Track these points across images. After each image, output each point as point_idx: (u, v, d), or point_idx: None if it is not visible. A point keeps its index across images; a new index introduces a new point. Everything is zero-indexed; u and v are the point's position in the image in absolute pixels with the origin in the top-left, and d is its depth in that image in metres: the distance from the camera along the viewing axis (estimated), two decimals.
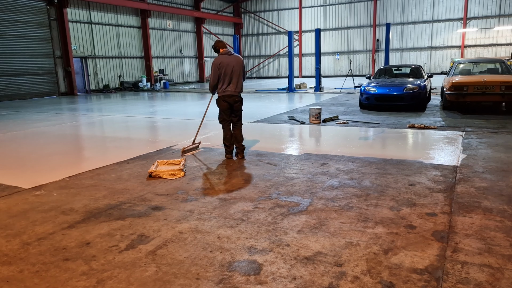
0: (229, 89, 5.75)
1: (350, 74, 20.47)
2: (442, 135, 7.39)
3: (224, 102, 5.84)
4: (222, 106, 5.88)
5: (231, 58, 5.77)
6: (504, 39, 28.07)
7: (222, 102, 5.85)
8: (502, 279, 2.55)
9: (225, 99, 5.82)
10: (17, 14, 18.92)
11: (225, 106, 5.86)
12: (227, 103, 5.84)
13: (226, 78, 5.72)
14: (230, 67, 5.71)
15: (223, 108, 5.89)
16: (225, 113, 5.92)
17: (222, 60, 5.70)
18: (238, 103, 5.92)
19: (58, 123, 10.65)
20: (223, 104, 5.86)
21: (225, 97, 5.80)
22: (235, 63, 5.76)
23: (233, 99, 5.83)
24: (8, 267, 2.88)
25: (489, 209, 3.72)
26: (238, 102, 5.92)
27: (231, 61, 5.74)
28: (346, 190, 4.40)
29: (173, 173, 5.09)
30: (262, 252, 3.00)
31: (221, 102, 5.87)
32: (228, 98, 5.81)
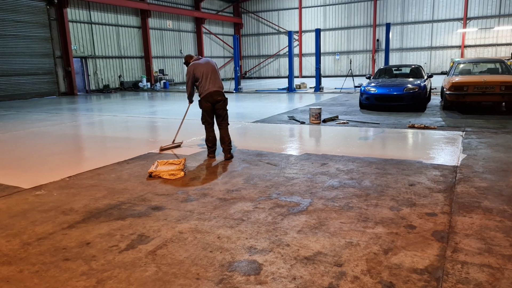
0: (209, 87, 5.78)
1: (350, 74, 20.47)
2: (442, 135, 7.39)
3: (207, 103, 5.85)
4: (204, 107, 5.89)
5: (202, 61, 5.91)
6: (504, 39, 28.07)
7: (204, 103, 5.86)
8: (502, 279, 2.55)
9: (207, 99, 5.82)
10: (17, 14, 18.92)
11: (207, 107, 5.87)
12: (209, 103, 5.84)
13: (203, 79, 5.80)
14: (204, 68, 5.82)
15: (205, 109, 5.90)
16: (207, 114, 5.92)
17: (194, 66, 5.85)
18: (221, 102, 5.91)
19: (58, 123, 10.65)
20: (205, 105, 5.87)
21: (207, 96, 5.81)
22: (208, 64, 5.89)
23: (215, 98, 5.82)
24: (8, 267, 2.88)
25: (489, 209, 3.72)
26: (221, 102, 5.90)
27: (203, 63, 5.88)
28: (346, 190, 4.40)
29: (173, 173, 5.09)
30: (262, 252, 3.00)
31: (203, 103, 5.88)
32: (210, 97, 5.80)
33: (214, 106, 5.89)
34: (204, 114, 5.95)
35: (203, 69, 5.83)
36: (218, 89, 5.88)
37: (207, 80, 5.81)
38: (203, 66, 5.86)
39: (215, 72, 5.94)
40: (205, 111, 5.92)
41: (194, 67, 5.85)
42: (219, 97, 5.87)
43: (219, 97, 5.88)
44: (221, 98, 5.91)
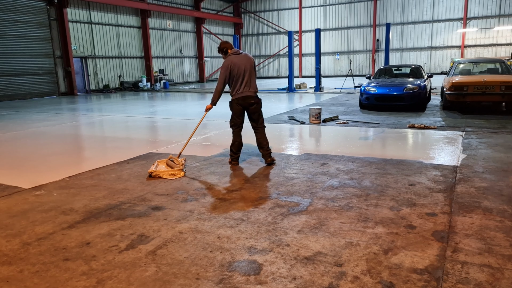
0: (244, 91, 5.32)
1: (350, 74, 20.47)
2: (442, 135, 7.39)
3: (238, 106, 5.40)
4: (235, 109, 5.45)
5: (241, 57, 5.33)
6: (504, 39, 28.08)
7: (235, 105, 5.41)
8: (502, 279, 2.55)
9: (238, 102, 5.37)
10: (17, 14, 18.92)
11: (238, 110, 5.44)
12: (241, 106, 5.41)
13: (238, 79, 5.30)
14: (242, 67, 5.28)
15: (236, 112, 5.46)
16: (237, 117, 5.48)
17: (232, 61, 5.27)
18: (255, 105, 5.44)
19: (58, 123, 10.65)
20: (237, 108, 5.43)
21: (239, 99, 5.36)
22: (246, 62, 5.33)
23: (248, 101, 5.37)
24: (8, 267, 2.88)
25: (489, 209, 3.72)
26: (255, 105, 5.44)
27: (242, 60, 5.31)
28: (346, 190, 4.40)
29: (173, 173, 5.09)
30: (262, 252, 3.00)
31: (234, 106, 5.43)
32: (242, 100, 5.36)
33: (246, 109, 5.47)
34: (234, 117, 5.50)
35: (240, 66, 5.27)
36: (253, 94, 5.40)
37: (243, 82, 5.30)
38: (242, 63, 5.29)
39: (253, 73, 5.43)
40: (235, 114, 5.47)
41: (232, 62, 5.26)
42: (252, 100, 5.41)
43: (252, 100, 5.41)
44: (254, 101, 5.43)
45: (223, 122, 9.88)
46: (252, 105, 5.44)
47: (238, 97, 5.35)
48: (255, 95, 5.47)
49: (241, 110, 5.45)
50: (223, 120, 10.14)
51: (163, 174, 5.06)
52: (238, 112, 5.46)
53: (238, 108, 5.43)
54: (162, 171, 5.12)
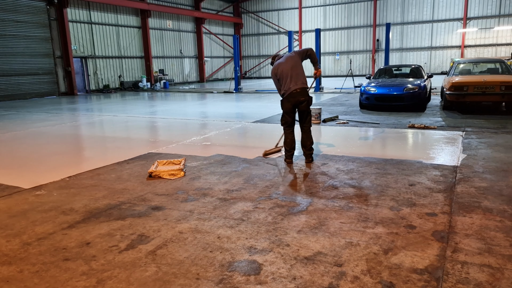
0: (291, 86, 5.38)
1: (350, 74, 20.47)
2: (442, 135, 7.39)
3: (288, 103, 5.47)
4: (285, 107, 5.55)
5: (282, 59, 5.57)
6: (504, 39, 28.07)
7: (285, 103, 5.52)
8: (502, 279, 2.55)
9: (288, 99, 5.44)
10: (17, 14, 18.92)
11: (288, 108, 5.51)
12: (291, 104, 5.46)
13: (284, 78, 5.45)
14: (284, 66, 5.45)
15: (286, 110, 5.55)
16: (288, 115, 5.56)
17: (275, 67, 5.54)
18: (305, 103, 5.44)
19: (58, 123, 10.65)
20: (286, 106, 5.51)
21: (288, 97, 5.42)
22: (287, 61, 5.48)
23: (298, 98, 5.39)
24: (8, 267, 2.88)
25: (489, 209, 3.72)
26: (305, 102, 5.44)
27: (283, 61, 5.52)
28: (346, 190, 4.40)
29: (173, 173, 5.09)
30: (262, 252, 3.00)
31: (284, 103, 5.54)
32: (292, 98, 5.40)
33: (296, 107, 5.50)
34: (285, 115, 5.60)
35: (283, 67, 5.45)
36: (301, 86, 5.40)
37: (287, 79, 5.41)
38: (283, 64, 5.48)
39: (296, 67, 5.44)
40: (286, 112, 5.56)
41: (275, 69, 5.54)
42: (301, 97, 5.41)
43: (301, 98, 5.41)
44: (304, 98, 5.43)
45: (223, 122, 9.88)
46: (302, 103, 5.45)
47: (288, 94, 5.41)
48: (305, 88, 5.44)
49: (291, 108, 5.50)
50: (223, 120, 10.14)
51: (163, 174, 5.06)
52: (288, 110, 5.53)
53: (288, 106, 5.49)
54: (162, 171, 5.12)
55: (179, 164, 5.47)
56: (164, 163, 5.53)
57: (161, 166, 5.42)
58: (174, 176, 5.03)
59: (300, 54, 5.55)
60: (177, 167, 5.28)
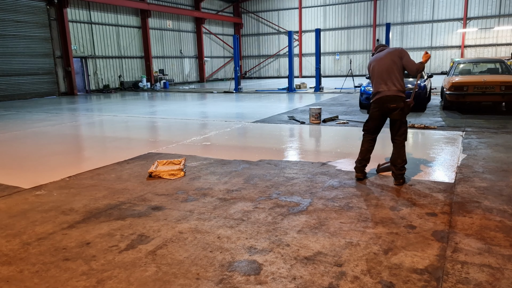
0: (381, 90, 4.51)
1: (350, 74, 20.47)
2: (442, 135, 7.39)
3: (375, 110, 4.60)
4: (372, 114, 4.67)
5: (381, 54, 4.63)
6: (504, 39, 28.07)
7: (372, 108, 4.66)
8: (502, 279, 2.55)
9: (377, 104, 4.56)
10: (17, 14, 18.92)
11: (375, 115, 4.62)
12: (379, 111, 4.57)
13: (375, 78, 4.60)
14: (379, 63, 4.56)
15: (371, 116, 4.68)
16: (372, 121, 4.67)
17: (371, 61, 4.72)
18: (397, 111, 4.46)
19: (58, 123, 10.65)
20: (373, 112, 4.64)
21: (378, 101, 4.54)
22: (385, 58, 4.54)
23: (387, 105, 4.46)
24: (8, 267, 2.88)
25: (489, 209, 3.72)
26: (397, 110, 4.45)
27: (381, 57, 4.59)
28: (346, 190, 4.40)
29: (173, 173, 5.09)
30: (262, 252, 3.00)
31: (371, 108, 4.69)
32: (381, 103, 4.51)
33: (385, 115, 4.59)
34: (369, 121, 4.71)
35: (378, 66, 4.56)
36: (395, 93, 4.43)
37: (379, 80, 4.53)
38: (379, 60, 4.57)
39: (393, 68, 4.46)
40: (371, 118, 4.68)
41: (370, 63, 4.71)
42: (393, 104, 4.44)
43: (393, 104, 4.45)
44: (396, 105, 4.44)
45: (223, 122, 9.88)
46: (393, 110, 4.48)
47: (377, 98, 4.55)
48: (398, 96, 4.45)
49: (378, 115, 4.60)
50: (223, 120, 10.14)
51: (163, 174, 5.06)
52: (374, 117, 4.65)
53: (374, 112, 4.62)
54: (162, 171, 5.12)
55: (179, 164, 5.47)
56: (164, 163, 5.53)
57: (161, 166, 5.42)
58: (174, 176, 5.03)
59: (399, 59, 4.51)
60: (177, 167, 5.28)
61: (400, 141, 4.56)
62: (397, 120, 4.54)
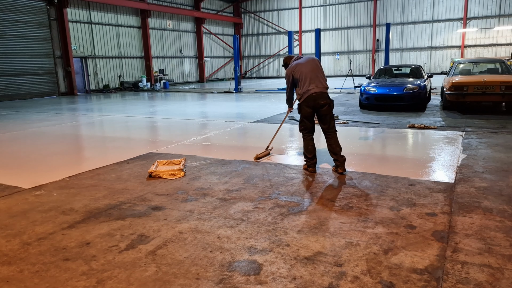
0: (311, 88, 4.92)
1: (350, 74, 20.47)
2: (442, 135, 7.39)
3: (307, 108, 5.00)
4: (304, 112, 5.06)
5: (301, 60, 5.14)
6: (504, 39, 28.07)
7: (304, 107, 5.03)
8: (502, 279, 2.55)
9: (307, 103, 4.97)
10: (17, 14, 18.92)
11: (308, 112, 5.04)
12: (310, 108, 5.00)
13: (303, 79, 4.98)
14: (304, 67, 5.02)
15: (305, 115, 5.07)
16: (308, 120, 5.09)
17: (293, 67, 5.09)
18: (326, 106, 4.98)
19: (58, 123, 10.65)
20: (305, 110, 5.03)
21: (308, 99, 4.95)
22: (309, 63, 5.06)
23: (318, 102, 4.94)
24: (8, 267, 2.88)
25: (489, 209, 3.72)
26: (326, 106, 4.97)
27: (304, 62, 5.07)
28: (346, 190, 4.40)
29: (173, 173, 5.09)
30: (262, 252, 3.00)
31: (303, 108, 5.05)
32: (311, 101, 4.93)
33: (316, 111, 5.06)
34: (304, 121, 5.13)
35: (302, 67, 5.01)
36: (322, 90, 4.99)
37: (307, 81, 4.96)
38: (304, 65, 5.02)
39: (318, 69, 5.06)
40: (305, 117, 5.09)
41: (293, 69, 5.07)
42: (322, 100, 4.95)
43: (322, 101, 4.95)
44: (325, 101, 4.98)
45: (223, 122, 9.88)
46: (323, 106, 4.98)
47: (306, 97, 4.95)
48: (326, 94, 5.02)
49: (311, 112, 5.05)
50: (223, 120, 10.14)
51: (163, 174, 5.06)
52: (307, 115, 5.07)
53: (307, 110, 5.03)
54: (162, 171, 5.12)
55: (179, 164, 5.47)
56: (164, 163, 5.54)
57: (161, 166, 5.42)
58: (174, 176, 5.03)
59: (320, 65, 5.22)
60: (177, 167, 5.28)
61: (333, 132, 5.14)
62: (327, 115, 5.06)
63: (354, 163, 5.52)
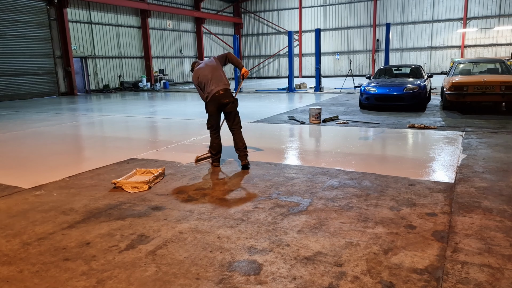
0: (212, 89, 5.36)
1: (350, 74, 20.47)
2: (442, 135, 7.39)
3: (212, 106, 5.44)
4: (210, 110, 5.49)
5: (202, 64, 5.56)
6: (504, 39, 28.07)
7: (209, 106, 5.46)
8: (502, 279, 2.55)
9: (212, 102, 5.41)
10: (17, 14, 18.92)
11: (213, 111, 5.47)
12: (214, 106, 5.44)
13: (206, 83, 5.41)
14: (204, 70, 5.45)
15: (211, 113, 5.50)
16: (213, 118, 5.52)
17: (196, 72, 5.50)
18: (230, 104, 5.41)
19: (58, 123, 10.65)
20: (211, 109, 5.47)
21: (212, 99, 5.38)
22: (207, 65, 5.50)
23: (222, 101, 5.36)
24: (8, 267, 2.88)
25: (489, 209, 3.72)
26: (230, 104, 5.41)
27: (203, 66, 5.51)
28: (346, 190, 4.40)
29: (136, 185, 4.63)
30: (262, 252, 3.00)
31: (209, 106, 5.48)
32: (215, 100, 5.37)
33: (221, 109, 5.48)
34: (210, 119, 5.53)
35: (203, 71, 5.44)
36: (224, 87, 5.37)
37: (209, 82, 5.37)
38: (203, 69, 5.46)
39: (216, 69, 5.43)
40: (211, 116, 5.50)
41: (196, 74, 5.48)
42: (225, 99, 5.36)
43: (225, 100, 5.36)
44: (228, 100, 5.38)
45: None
46: (227, 105, 5.40)
47: (211, 96, 5.36)
48: (228, 89, 5.42)
49: (216, 110, 5.46)
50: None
51: (126, 186, 4.63)
52: (213, 113, 5.49)
53: (213, 109, 5.44)
54: (125, 182, 4.69)
55: (156, 173, 4.98)
56: (142, 172, 5.15)
57: (139, 175, 5.07)
58: (137, 189, 4.57)
59: (220, 59, 5.53)
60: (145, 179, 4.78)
61: (238, 128, 5.54)
62: (231, 112, 5.46)
63: (354, 163, 5.52)
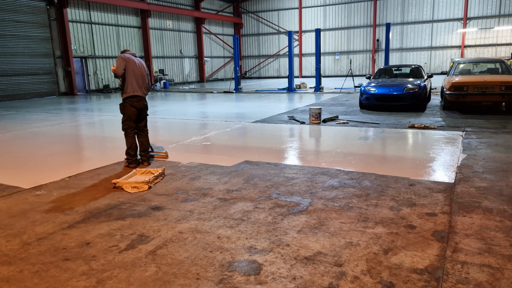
0: (138, 91, 5.49)
1: (350, 74, 20.47)
2: (442, 135, 7.39)
3: (133, 108, 5.51)
4: (129, 112, 5.51)
5: (134, 58, 5.54)
6: (504, 39, 28.07)
7: (129, 107, 5.49)
8: (502, 279, 2.55)
9: (133, 103, 5.49)
10: (17, 14, 18.92)
11: (133, 112, 5.54)
12: (136, 108, 5.53)
13: (133, 78, 5.44)
14: (136, 66, 5.49)
15: (130, 115, 5.54)
16: (132, 120, 5.58)
17: (127, 58, 5.44)
18: (147, 109, 5.76)
19: (58, 123, 10.65)
20: (132, 110, 5.52)
21: (134, 101, 5.48)
22: (139, 65, 5.56)
23: (142, 103, 5.60)
24: (8, 267, 2.88)
25: (489, 209, 3.72)
26: (147, 109, 5.76)
27: (137, 63, 5.53)
28: (346, 190, 4.40)
29: (136, 185, 4.65)
30: (262, 252, 3.00)
31: (128, 108, 5.49)
32: (137, 102, 5.52)
33: (140, 111, 5.65)
34: (128, 120, 5.58)
35: (135, 65, 5.47)
36: (144, 95, 5.67)
37: (135, 83, 5.46)
38: (137, 67, 5.50)
39: (145, 74, 5.65)
40: (130, 117, 5.55)
41: (127, 61, 5.41)
42: (145, 102, 5.67)
43: (145, 102, 5.68)
44: (146, 103, 5.72)
45: (223, 122, 9.88)
46: (146, 108, 5.72)
47: (132, 96, 5.46)
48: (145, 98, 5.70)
49: (135, 112, 5.57)
50: (223, 120, 10.14)
51: (126, 186, 4.64)
52: (132, 115, 5.56)
53: (132, 110, 5.54)
54: (125, 182, 4.71)
55: (156, 173, 5.01)
56: (142, 173, 5.18)
57: (139, 175, 5.10)
58: (137, 189, 4.59)
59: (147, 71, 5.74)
60: (146, 179, 4.81)
61: (146, 131, 5.82)
62: (146, 116, 5.78)
63: (354, 163, 5.52)
